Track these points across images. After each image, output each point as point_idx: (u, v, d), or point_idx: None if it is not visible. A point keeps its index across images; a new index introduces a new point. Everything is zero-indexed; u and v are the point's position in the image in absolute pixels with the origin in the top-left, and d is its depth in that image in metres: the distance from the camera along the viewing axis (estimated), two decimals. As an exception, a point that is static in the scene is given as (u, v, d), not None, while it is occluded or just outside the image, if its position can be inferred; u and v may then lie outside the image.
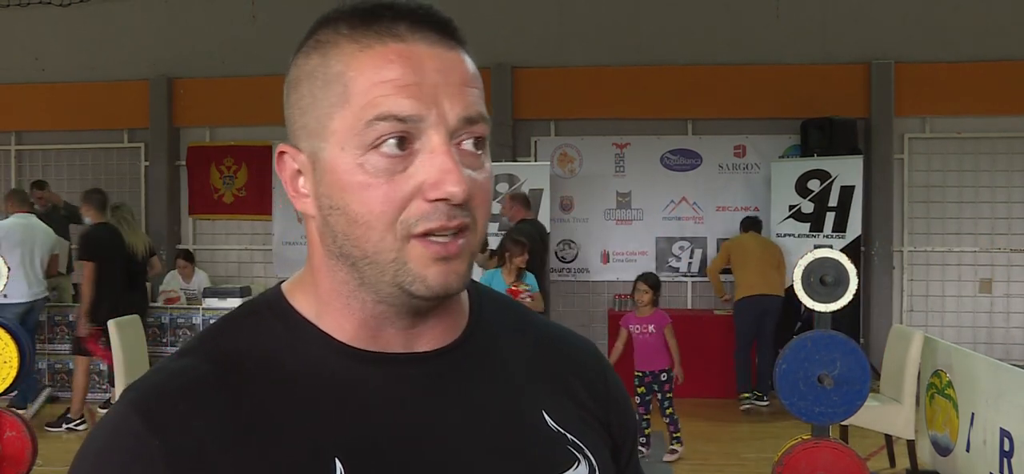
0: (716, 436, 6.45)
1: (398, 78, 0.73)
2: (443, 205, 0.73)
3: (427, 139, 0.73)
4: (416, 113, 0.72)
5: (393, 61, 0.73)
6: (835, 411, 4.00)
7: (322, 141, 0.75)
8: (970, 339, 7.87)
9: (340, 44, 0.75)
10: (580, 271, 8.47)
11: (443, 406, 0.80)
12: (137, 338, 6.15)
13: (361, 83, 0.73)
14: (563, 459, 0.83)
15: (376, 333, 0.79)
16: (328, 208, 0.76)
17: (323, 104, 0.75)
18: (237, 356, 0.78)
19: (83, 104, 8.80)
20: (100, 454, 0.74)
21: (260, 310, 0.82)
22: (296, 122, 0.78)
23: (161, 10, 8.78)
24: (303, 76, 0.77)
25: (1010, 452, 4.04)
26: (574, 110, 8.32)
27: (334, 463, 0.73)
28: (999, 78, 7.86)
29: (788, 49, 8.12)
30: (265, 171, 8.75)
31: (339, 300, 0.79)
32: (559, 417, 0.85)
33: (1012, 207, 8.02)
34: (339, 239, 0.76)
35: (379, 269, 0.75)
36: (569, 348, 0.94)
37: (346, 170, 0.74)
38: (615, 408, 0.93)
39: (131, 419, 0.73)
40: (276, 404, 0.75)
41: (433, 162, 0.73)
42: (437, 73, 0.74)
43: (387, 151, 0.73)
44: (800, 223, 7.63)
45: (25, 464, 4.28)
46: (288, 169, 0.79)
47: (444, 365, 0.82)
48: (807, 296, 4.12)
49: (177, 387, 0.75)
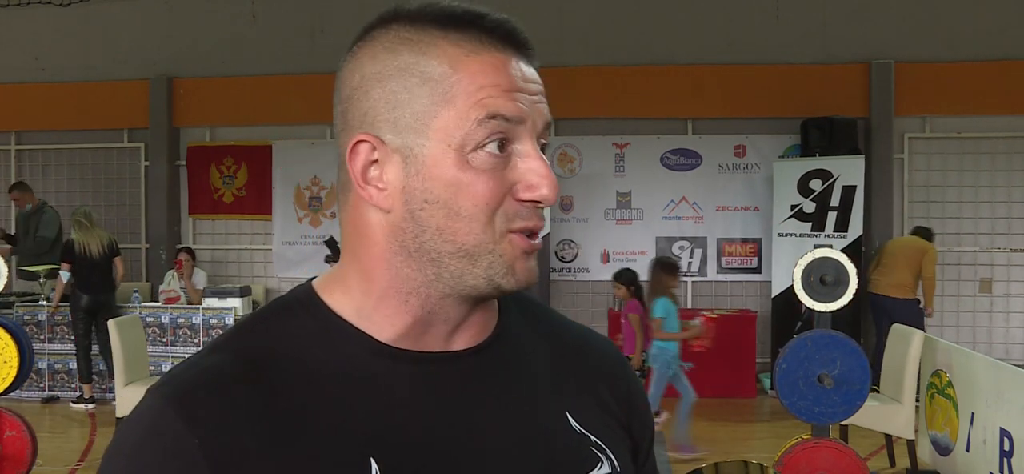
0: (716, 436, 6.45)
1: (504, 83, 0.77)
2: (532, 206, 0.78)
3: (521, 143, 0.78)
4: (519, 116, 0.78)
5: (499, 68, 0.78)
6: (835, 411, 4.00)
7: (421, 137, 0.77)
8: (970, 339, 7.87)
9: (439, 45, 0.77)
10: (580, 271, 8.47)
11: (474, 405, 0.81)
12: (137, 338, 6.15)
13: (468, 85, 0.77)
14: (586, 460, 0.85)
15: (424, 331, 0.81)
16: (422, 202, 0.77)
17: (422, 100, 0.77)
18: (270, 353, 0.78)
19: (83, 104, 8.80)
20: (138, 451, 0.73)
21: (292, 307, 0.82)
22: (381, 115, 0.78)
23: (161, 10, 8.78)
24: (393, 71, 0.78)
25: (1010, 452, 4.04)
26: (574, 110, 8.31)
27: (370, 462, 0.74)
28: (999, 78, 7.86)
29: (788, 49, 8.12)
30: (265, 171, 8.75)
31: (397, 297, 0.80)
32: (582, 418, 0.87)
33: (1012, 207, 8.02)
34: (428, 233, 0.77)
35: (472, 260, 0.77)
36: (592, 349, 0.95)
37: (453, 165, 0.76)
38: (635, 410, 0.95)
39: (168, 414, 0.73)
40: (311, 402, 0.76)
41: (530, 164, 0.78)
42: (528, 83, 0.80)
43: (492, 150, 0.76)
44: (802, 223, 7.63)
45: (25, 464, 4.29)
46: (362, 160, 0.79)
47: (476, 364, 0.83)
48: (807, 296, 4.12)
49: (212, 384, 0.75)
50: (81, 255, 7.10)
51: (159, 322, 7.27)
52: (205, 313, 7.23)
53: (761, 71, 8.11)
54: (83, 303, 7.10)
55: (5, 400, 4.55)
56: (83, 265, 7.10)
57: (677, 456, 5.62)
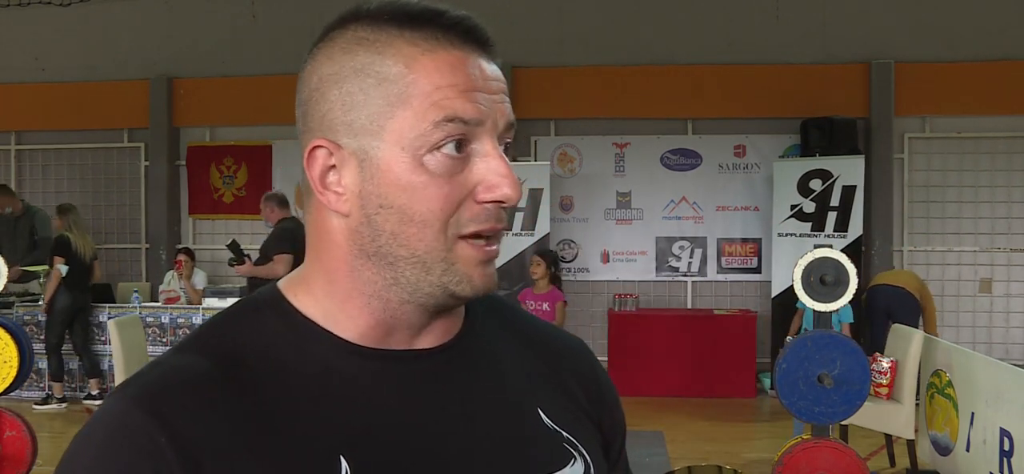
0: (716, 436, 6.45)
1: (462, 83, 0.75)
2: (493, 207, 0.76)
3: (480, 144, 0.76)
4: (478, 117, 0.75)
5: (456, 67, 0.76)
6: (835, 411, 4.00)
7: (376, 140, 0.75)
8: (970, 339, 7.87)
9: (395, 44, 0.76)
10: (580, 271, 8.47)
11: (443, 402, 0.81)
12: (137, 338, 6.15)
13: (424, 85, 0.75)
14: (559, 456, 0.84)
15: (388, 333, 0.80)
16: (376, 207, 0.76)
17: (377, 102, 0.75)
18: (238, 353, 0.77)
19: (83, 104, 8.80)
20: (104, 450, 0.71)
21: (260, 307, 0.82)
22: (337, 118, 0.77)
23: (161, 10, 8.78)
24: (349, 72, 0.76)
25: (1010, 452, 4.04)
26: (574, 110, 8.32)
27: (339, 460, 0.74)
28: (999, 78, 7.86)
29: (788, 49, 8.12)
30: (265, 171, 8.75)
31: (359, 299, 0.79)
32: (554, 415, 0.87)
33: (1012, 207, 8.02)
34: (383, 237, 0.76)
35: (425, 268, 0.76)
36: (562, 347, 0.95)
37: (407, 169, 0.75)
38: (607, 407, 0.95)
39: (134, 414, 0.71)
40: (280, 401, 0.75)
41: (489, 165, 0.76)
42: (488, 82, 0.77)
43: (449, 152, 0.75)
44: (802, 223, 7.63)
45: (25, 464, 4.28)
46: (320, 165, 0.78)
47: (444, 361, 0.82)
48: (807, 296, 4.12)
49: (180, 383, 0.74)
50: (75, 254, 7.09)
51: (159, 322, 7.27)
52: (205, 313, 7.23)
53: (761, 71, 8.11)
54: (68, 302, 7.08)
55: (5, 400, 4.55)
56: (74, 264, 7.10)
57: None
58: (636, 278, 8.41)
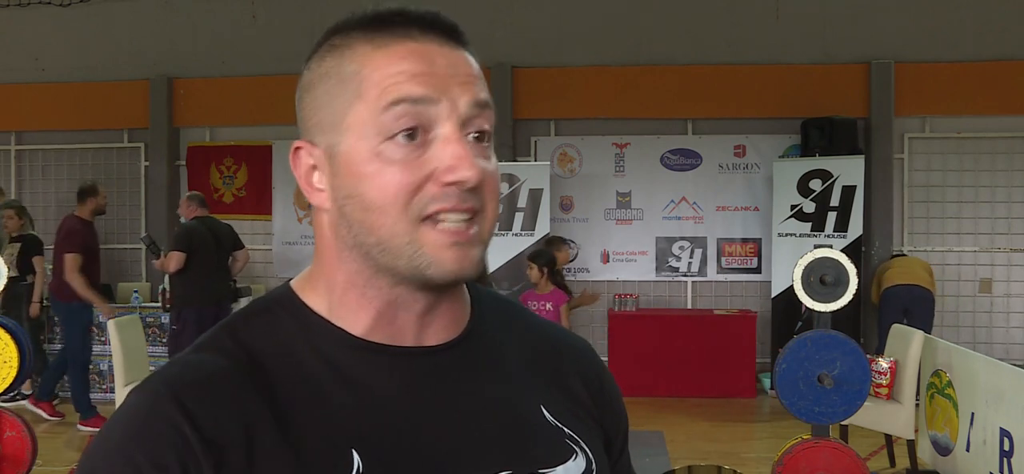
0: (716, 436, 6.46)
1: (410, 68, 0.77)
2: (454, 189, 0.77)
3: (440, 128, 0.77)
4: (427, 95, 0.77)
5: (405, 56, 0.78)
6: (835, 411, 4.00)
7: (338, 135, 0.79)
8: (970, 339, 7.87)
9: (354, 46, 0.80)
10: (580, 271, 8.47)
11: (450, 397, 0.83)
12: (137, 338, 6.15)
13: (375, 77, 0.78)
14: (562, 452, 0.86)
15: (392, 321, 0.82)
16: (344, 198, 0.79)
17: (339, 100, 0.79)
18: (254, 352, 0.80)
19: (83, 104, 8.80)
20: (129, 440, 0.74)
21: (272, 308, 0.85)
22: (310, 120, 0.82)
23: (161, 10, 8.78)
24: (317, 78, 0.82)
25: (1010, 452, 4.04)
26: (574, 110, 8.31)
27: (352, 454, 0.76)
28: (999, 78, 7.86)
29: (788, 49, 8.11)
30: (265, 171, 8.75)
31: (355, 291, 0.82)
32: (557, 411, 0.89)
33: (1012, 207, 8.02)
34: (354, 227, 0.79)
35: (393, 254, 0.78)
36: (565, 346, 0.97)
37: (363, 159, 0.77)
38: (608, 405, 0.97)
39: (162, 405, 0.75)
40: (294, 398, 0.78)
41: (446, 149, 0.77)
42: (447, 67, 0.79)
43: (402, 141, 0.77)
44: (802, 223, 7.63)
45: (25, 464, 4.28)
46: (303, 165, 0.83)
47: (450, 358, 0.85)
48: (807, 296, 4.12)
49: (202, 378, 0.77)
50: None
51: (159, 322, 7.27)
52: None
53: (761, 71, 8.11)
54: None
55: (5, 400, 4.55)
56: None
57: None
58: (636, 278, 8.41)
